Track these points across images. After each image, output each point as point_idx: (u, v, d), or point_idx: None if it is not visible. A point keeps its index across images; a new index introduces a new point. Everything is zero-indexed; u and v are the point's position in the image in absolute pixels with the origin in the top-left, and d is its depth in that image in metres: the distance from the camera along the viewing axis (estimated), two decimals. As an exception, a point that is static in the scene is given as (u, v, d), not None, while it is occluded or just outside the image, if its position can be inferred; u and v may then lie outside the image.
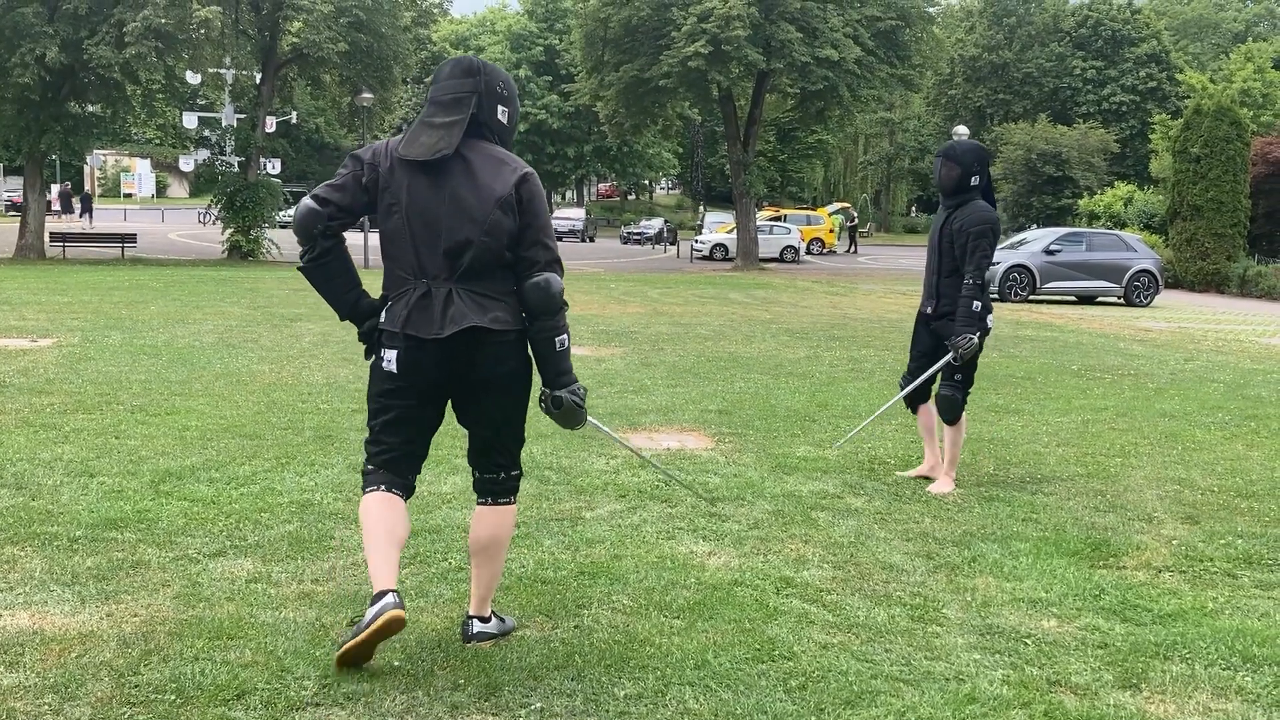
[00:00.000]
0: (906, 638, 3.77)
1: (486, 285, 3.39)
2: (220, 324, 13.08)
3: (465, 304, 3.35)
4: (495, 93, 3.46)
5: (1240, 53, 53.48)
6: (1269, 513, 5.64)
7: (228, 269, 25.15)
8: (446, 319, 3.33)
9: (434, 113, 3.43)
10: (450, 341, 3.34)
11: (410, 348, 3.38)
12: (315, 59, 29.06)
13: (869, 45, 31.56)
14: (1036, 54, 64.95)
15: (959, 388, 5.98)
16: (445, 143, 3.35)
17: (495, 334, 3.37)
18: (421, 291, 3.37)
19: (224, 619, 3.71)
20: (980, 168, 5.88)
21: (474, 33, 68.26)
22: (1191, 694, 3.39)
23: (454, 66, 3.49)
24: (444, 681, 3.30)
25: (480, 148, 3.43)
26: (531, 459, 6.29)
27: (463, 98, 3.42)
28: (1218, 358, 13.16)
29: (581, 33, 34.20)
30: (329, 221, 3.43)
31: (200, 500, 5.19)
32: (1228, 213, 29.52)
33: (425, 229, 3.37)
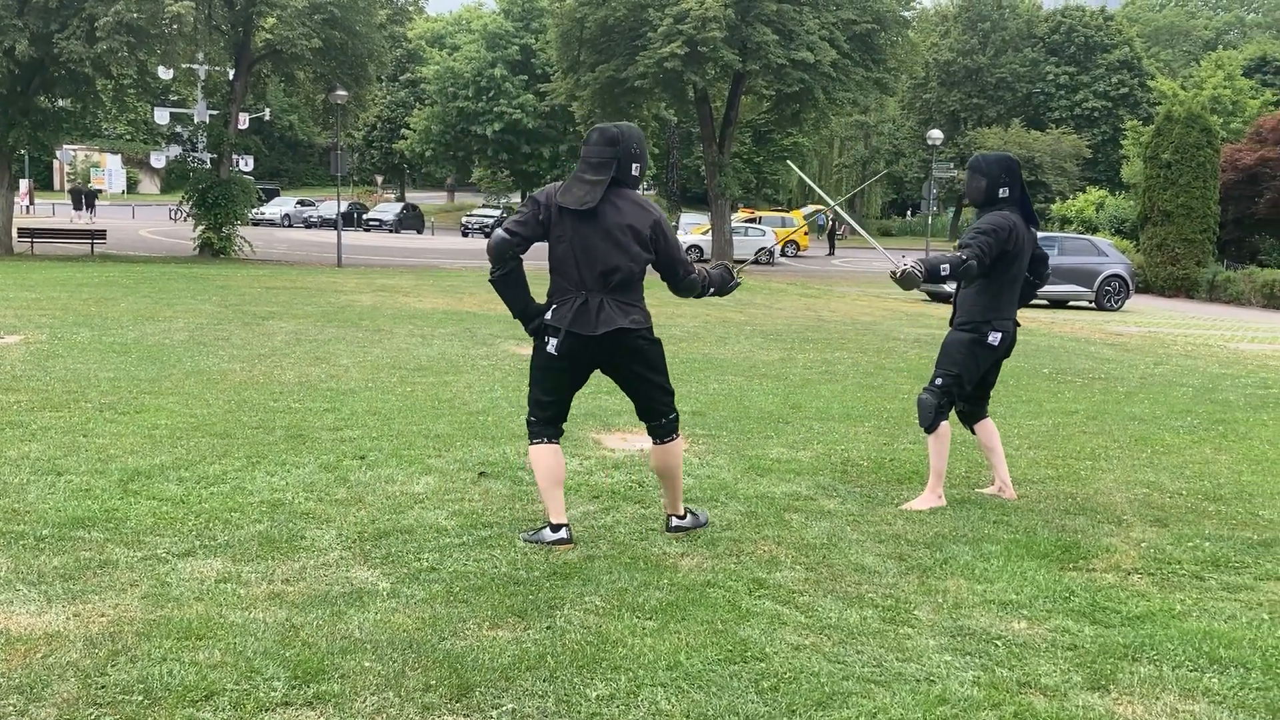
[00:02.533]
0: (878, 639, 3.78)
1: (627, 295, 4.64)
2: (191, 322, 12.97)
3: (613, 310, 4.59)
4: (630, 154, 4.63)
5: (1210, 60, 54.10)
6: (1236, 516, 5.70)
7: (199, 266, 24.95)
8: (599, 321, 4.56)
9: (584, 170, 4.63)
10: (601, 338, 4.57)
11: (570, 340, 4.59)
12: (289, 55, 28.84)
13: (844, 48, 31.69)
14: (1010, 59, 65.42)
15: (935, 392, 5.66)
16: (591, 197, 4.55)
17: (633, 331, 4.63)
18: (581, 300, 4.59)
19: (193, 619, 3.68)
20: (1009, 178, 5.62)
21: (449, 31, 68.03)
22: (1159, 695, 3.42)
23: (600, 135, 4.66)
24: (415, 682, 3.28)
25: (625, 195, 4.65)
26: (505, 460, 6.27)
27: (606, 161, 4.60)
28: (1187, 362, 13.29)
29: (557, 32, 34.16)
30: (516, 248, 4.66)
31: (169, 499, 5.14)
32: (1197, 219, 29.84)
33: (585, 256, 4.58)
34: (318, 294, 18.03)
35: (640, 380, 4.77)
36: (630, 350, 4.65)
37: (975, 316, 5.65)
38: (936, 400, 5.65)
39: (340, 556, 4.43)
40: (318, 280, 21.53)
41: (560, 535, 4.64)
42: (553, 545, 4.59)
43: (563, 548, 4.59)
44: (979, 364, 5.70)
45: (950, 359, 5.68)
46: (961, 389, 5.71)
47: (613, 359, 4.68)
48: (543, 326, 4.69)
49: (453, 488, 5.59)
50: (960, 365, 5.65)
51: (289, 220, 53.80)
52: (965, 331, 5.67)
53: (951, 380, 5.65)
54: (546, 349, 4.66)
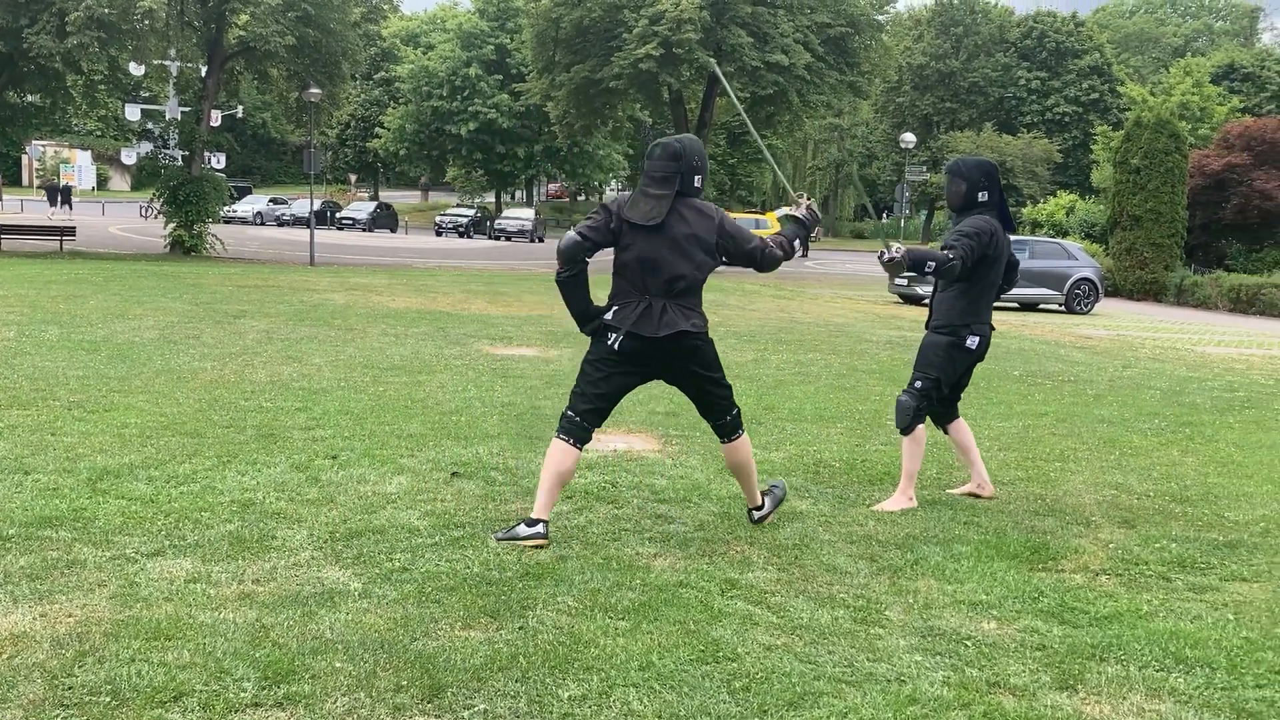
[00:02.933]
0: (849, 639, 3.80)
1: (689, 300, 4.82)
2: (161, 320, 12.86)
3: (675, 314, 4.75)
4: (693, 168, 4.78)
5: (1179, 67, 54.68)
6: (1202, 517, 5.77)
7: (170, 264, 24.73)
8: (662, 324, 4.73)
9: (649, 184, 4.79)
10: (664, 339, 4.74)
11: (632, 340, 4.75)
12: (262, 53, 28.62)
13: (819, 51, 31.84)
14: (983, 64, 65.90)
15: (914, 394, 5.68)
16: (657, 211, 4.73)
17: (693, 334, 4.80)
18: (645, 305, 4.75)
19: (161, 619, 3.65)
20: (988, 183, 5.66)
21: (424, 30, 67.78)
22: (1126, 695, 3.46)
23: (664, 150, 4.80)
24: (387, 683, 3.27)
25: (690, 204, 4.80)
26: (478, 460, 6.26)
27: (670, 176, 4.76)
28: (1155, 365, 13.43)
29: (533, 32, 34.14)
30: (586, 251, 4.82)
31: (139, 499, 5.10)
32: (1166, 223, 30.18)
33: (651, 265, 4.75)
34: (290, 293, 17.93)
35: (699, 379, 4.94)
36: (689, 351, 4.82)
37: (953, 320, 5.68)
38: (915, 403, 5.67)
39: (311, 556, 4.41)
40: (290, 279, 21.40)
41: (535, 530, 4.67)
42: (526, 540, 4.61)
43: (535, 542, 4.61)
44: (956, 367, 5.74)
45: (928, 362, 5.70)
46: (940, 392, 5.73)
47: (672, 361, 4.86)
48: (603, 326, 4.84)
49: (425, 488, 5.57)
50: (938, 368, 5.68)
51: (261, 218, 53.45)
52: (943, 335, 5.70)
53: (930, 383, 5.68)
54: (607, 342, 4.80)
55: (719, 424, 5.05)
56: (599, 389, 4.84)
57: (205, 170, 29.89)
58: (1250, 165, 33.39)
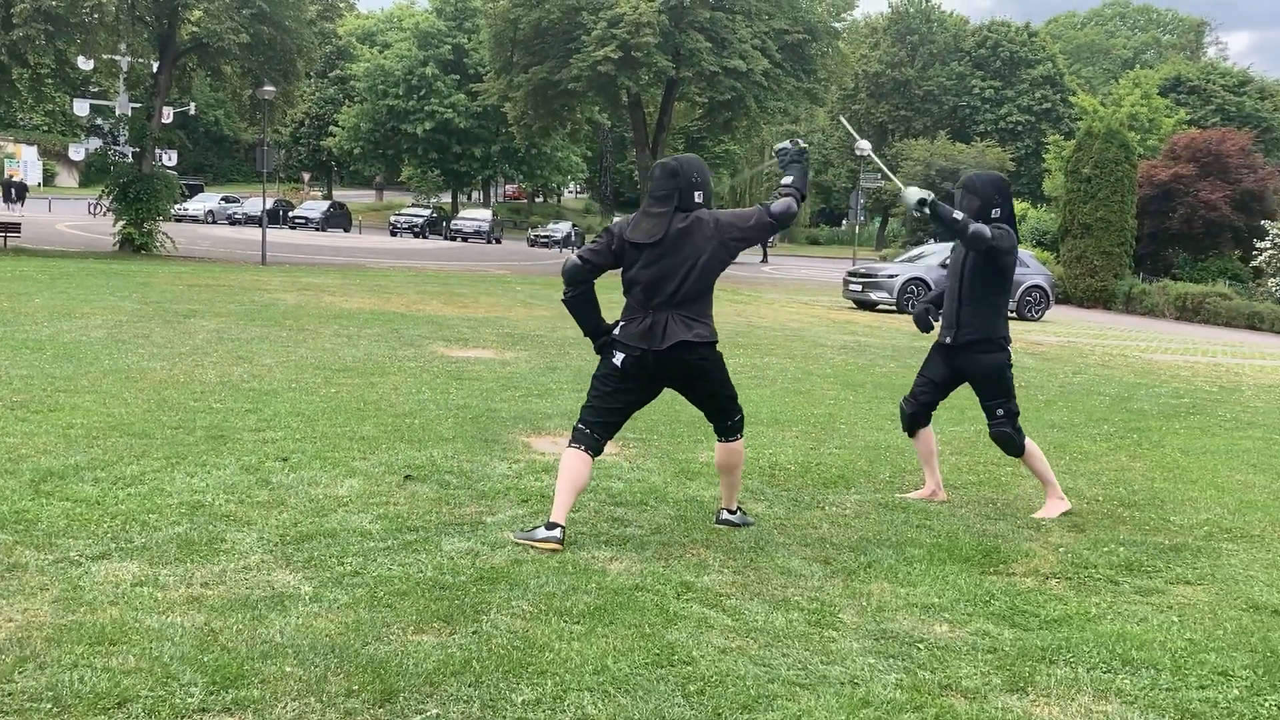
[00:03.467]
0: (803, 642, 3.81)
1: (693, 310, 4.90)
2: (110, 319, 12.65)
3: (677, 325, 4.86)
4: (691, 183, 4.90)
5: (1128, 78, 55.70)
6: (1149, 521, 5.86)
7: (119, 262, 24.34)
8: (666, 336, 4.84)
9: (650, 204, 4.94)
10: (666, 351, 4.84)
11: (638, 356, 4.87)
12: (215, 49, 28.26)
13: (776, 58, 32.03)
14: (937, 72, 66.67)
15: (1003, 422, 5.86)
16: (657, 229, 4.87)
17: (698, 345, 4.90)
18: (650, 320, 4.87)
19: (106, 624, 3.58)
20: (1001, 199, 5.77)
21: (381, 28, 67.34)
22: (1075, 696, 3.50)
23: (662, 170, 4.94)
24: (337, 688, 3.23)
25: (689, 218, 4.88)
26: (432, 463, 6.21)
27: (670, 194, 4.89)
28: (1104, 372, 13.64)
29: (491, 33, 34.04)
30: (588, 273, 4.99)
31: (84, 500, 5.00)
32: (1115, 232, 30.69)
33: (658, 281, 4.87)
34: (241, 292, 17.71)
35: (703, 391, 5.08)
36: (694, 363, 4.93)
37: (994, 333, 5.83)
38: (1009, 428, 5.86)
39: (261, 560, 4.35)
40: (241, 278, 21.14)
41: (553, 534, 4.72)
42: (541, 543, 4.68)
43: (550, 546, 4.67)
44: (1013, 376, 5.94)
45: (998, 389, 5.87)
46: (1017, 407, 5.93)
47: (677, 371, 4.95)
48: (610, 342, 4.97)
49: (378, 491, 5.52)
50: (1008, 390, 5.90)
51: (213, 217, 52.76)
52: (997, 353, 5.85)
53: (1012, 405, 5.88)
54: (613, 359, 4.93)
55: (721, 426, 5.18)
56: (608, 404, 4.98)
57: (156, 167, 29.45)
58: (1196, 176, 34.07)
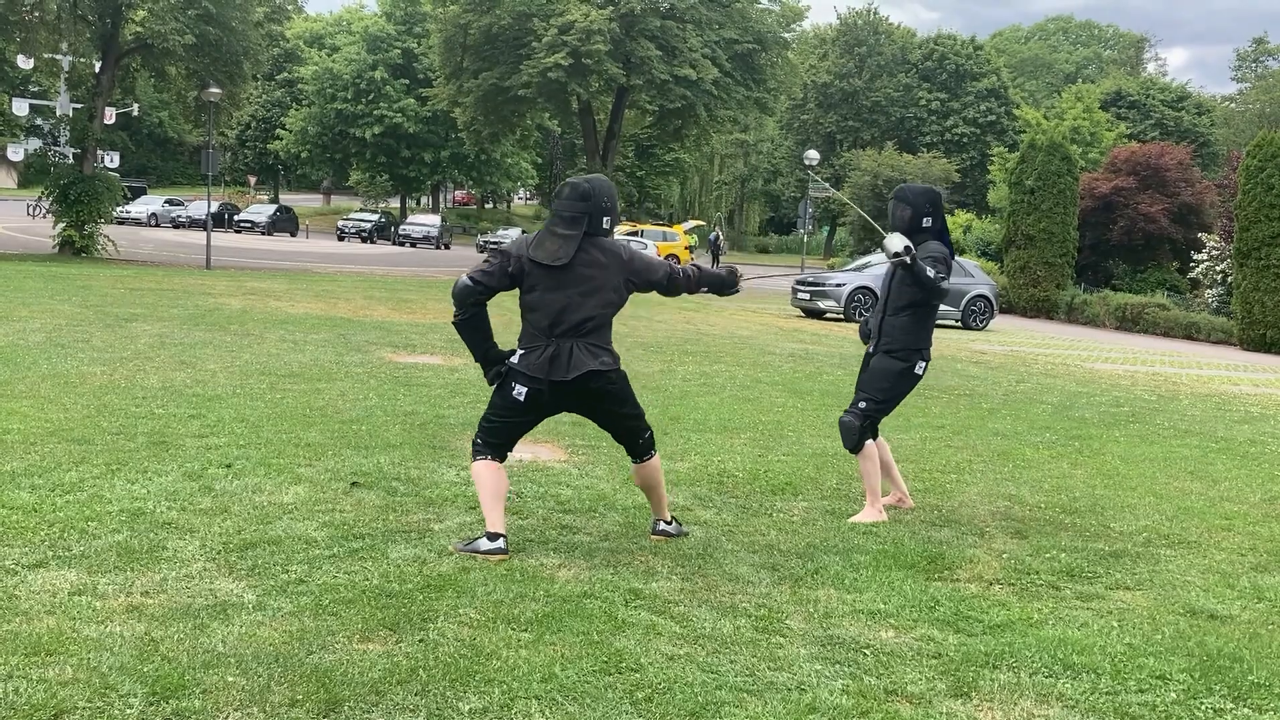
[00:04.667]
0: (751, 648, 3.83)
1: (597, 339, 4.79)
2: (49, 323, 12.39)
3: (583, 354, 4.73)
4: (602, 209, 4.76)
5: (1071, 92, 56.68)
6: (1090, 528, 5.96)
7: (58, 265, 23.86)
8: (571, 366, 4.70)
9: (556, 224, 4.76)
10: (573, 382, 4.73)
11: (541, 387, 4.72)
12: (160, 50, 27.79)
13: (726, 67, 32.24)
14: (885, 84, 67.41)
15: (858, 415, 5.76)
16: (564, 252, 4.70)
17: (604, 373, 4.80)
18: (553, 349, 4.71)
19: (43, 633, 3.50)
20: (932, 210, 5.78)
21: (329, 31, 66.71)
22: (1017, 701, 3.55)
23: (573, 190, 4.79)
24: (281, 697, 3.19)
25: (598, 243, 4.77)
26: (379, 470, 6.16)
27: (579, 217, 4.73)
28: (1046, 380, 13.86)
29: (440, 38, 33.90)
30: (479, 295, 4.81)
31: (20, 508, 4.89)
32: (1058, 243, 31.21)
33: (559, 307, 4.70)
34: (185, 296, 17.44)
35: (613, 415, 4.98)
36: (601, 390, 4.82)
37: (908, 344, 5.75)
38: (859, 422, 5.75)
39: (204, 568, 4.28)
40: (185, 282, 20.82)
41: (497, 545, 4.66)
42: (487, 555, 4.61)
43: (498, 558, 4.59)
44: (903, 392, 5.86)
45: (878, 386, 5.78)
46: (883, 414, 5.87)
47: (584, 399, 4.86)
48: (509, 372, 4.81)
49: (323, 498, 5.46)
50: (886, 392, 5.79)
51: (156, 220, 51.93)
52: (897, 359, 5.76)
53: (874, 406, 5.79)
54: (512, 393, 4.77)
55: (634, 446, 5.07)
56: (507, 429, 4.89)
57: (98, 169, 28.89)
58: (1135, 189, 34.76)
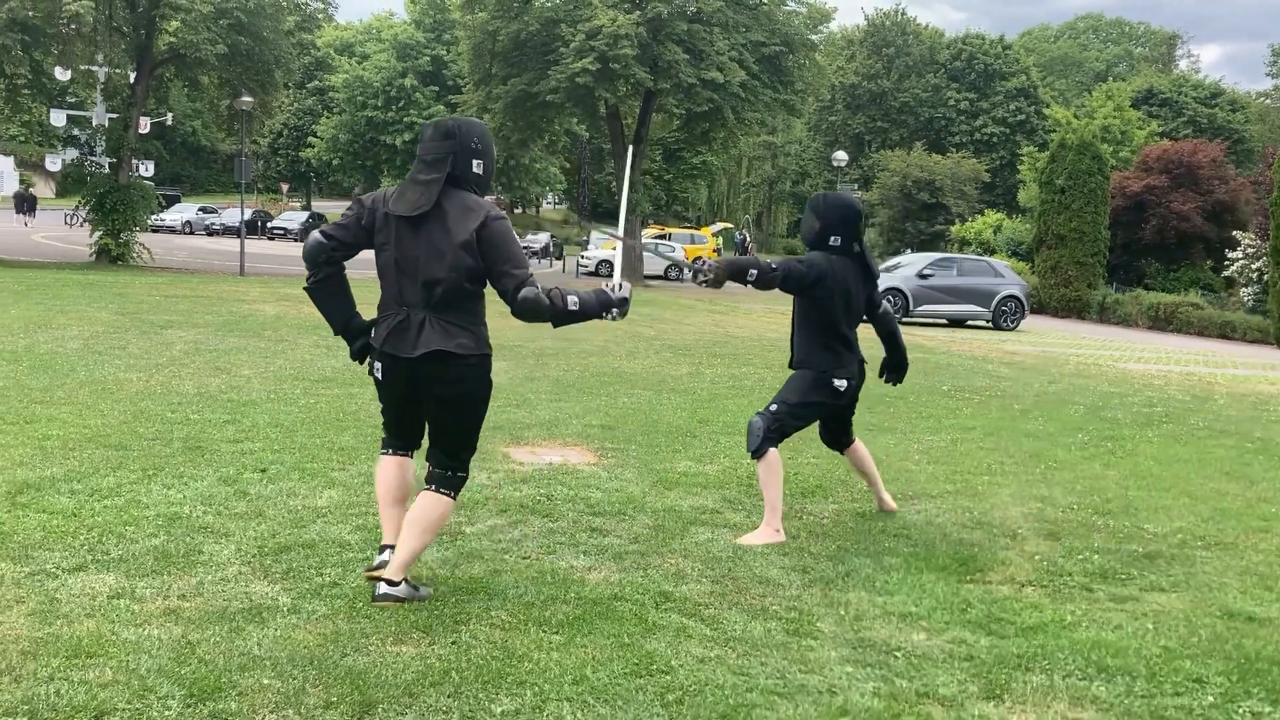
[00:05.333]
0: (782, 651, 3.83)
1: (454, 315, 4.01)
2: (86, 330, 12.56)
3: (434, 330, 3.97)
4: (470, 149, 4.07)
5: (1101, 91, 56.18)
6: (1123, 530, 5.91)
7: (95, 273, 24.16)
8: (419, 342, 3.97)
9: (419, 170, 4.07)
10: (419, 360, 3.97)
11: (390, 364, 4.05)
12: (193, 60, 28.12)
13: (753, 69, 32.16)
14: (913, 84, 67.11)
15: (766, 416, 5.32)
16: (425, 200, 3.99)
17: (459, 357, 3.99)
18: (401, 317, 4.01)
19: (83, 636, 3.56)
20: (844, 228, 5.37)
21: (359, 40, 67.23)
22: (1050, 704, 3.53)
23: (434, 129, 4.11)
24: (316, 699, 3.22)
25: (456, 197, 4.04)
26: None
27: (442, 158, 4.03)
28: (1079, 381, 13.74)
29: (469, 45, 34.05)
30: (332, 252, 4.15)
31: (60, 513, 4.97)
32: (1089, 242, 30.97)
33: (406, 266, 4.00)
34: (219, 303, 17.62)
35: (446, 417, 4.12)
36: (448, 380, 4.01)
37: (819, 365, 5.41)
38: (765, 424, 5.32)
39: (239, 571, 4.33)
40: (219, 289, 21.03)
41: (383, 558, 4.15)
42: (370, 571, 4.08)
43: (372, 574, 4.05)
44: (819, 402, 5.42)
45: (791, 389, 5.42)
46: (796, 422, 5.41)
47: (432, 387, 4.03)
48: (368, 347, 4.19)
49: (357, 502, 5.50)
50: (798, 394, 5.39)
51: (190, 227, 52.54)
52: (809, 369, 5.44)
53: (785, 410, 5.34)
54: (374, 373, 4.16)
55: (436, 471, 4.15)
56: (391, 419, 4.26)
57: (133, 178, 29.26)
58: (1168, 188, 34.45)
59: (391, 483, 4.25)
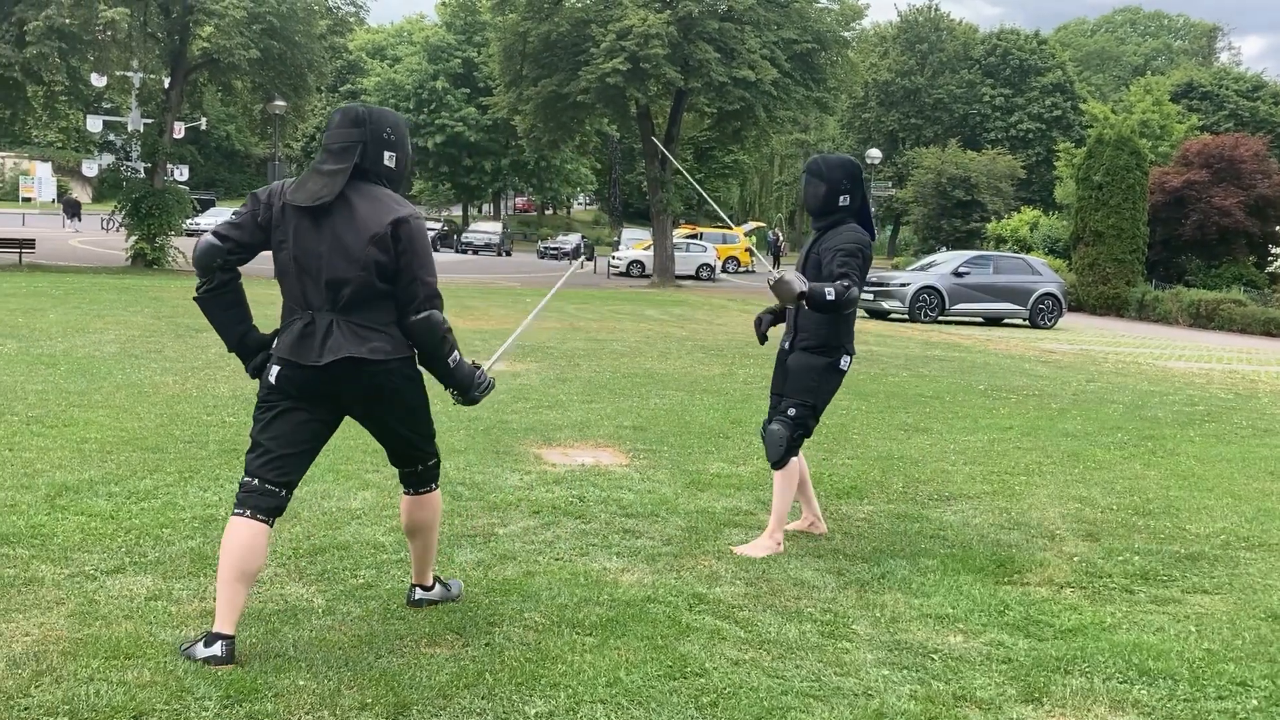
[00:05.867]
0: (817, 654, 3.80)
1: (366, 317, 3.60)
2: (122, 334, 12.71)
3: (344, 335, 3.57)
4: (381, 139, 3.66)
5: (1139, 85, 55.52)
6: (1164, 530, 5.82)
7: (131, 277, 24.46)
8: (325, 348, 3.56)
9: (324, 159, 3.66)
10: (329, 368, 3.57)
11: (291, 373, 3.61)
12: (226, 65, 28.42)
13: (785, 67, 32.04)
14: (947, 80, 66.62)
15: (787, 422, 5.04)
16: (328, 190, 3.58)
17: (374, 363, 3.59)
18: (305, 321, 3.61)
19: (121, 638, 3.59)
20: (851, 184, 5.05)
21: (390, 42, 67.67)
22: (1090, 707, 3.48)
23: (342, 116, 3.70)
24: (351, 701, 3.23)
25: (365, 190, 3.63)
26: (445, 475, 6.19)
27: (349, 147, 3.63)
28: (1117, 379, 13.58)
29: (500, 46, 34.15)
30: (227, 256, 3.70)
31: (98, 515, 5.02)
32: (1127, 239, 30.61)
33: (309, 265, 3.59)
34: (253, 306, 17.68)
35: (384, 425, 3.78)
36: (370, 389, 3.62)
37: (829, 340, 5.05)
38: (789, 431, 5.04)
39: (274, 573, 4.36)
40: (254, 292, 21.00)
41: (214, 651, 3.41)
42: (205, 661, 3.39)
43: (221, 668, 3.37)
44: (831, 391, 5.15)
45: (804, 387, 5.07)
46: (816, 419, 5.15)
47: (348, 399, 3.66)
48: (268, 359, 3.71)
49: (390, 503, 5.52)
50: (815, 394, 5.08)
51: (225, 231, 53.14)
52: (818, 355, 5.07)
53: (806, 411, 5.07)
54: (268, 377, 3.65)
55: (407, 472, 3.91)
56: (269, 434, 3.63)
57: (168, 182, 29.61)
58: (1209, 183, 34.00)
59: (247, 554, 3.53)
